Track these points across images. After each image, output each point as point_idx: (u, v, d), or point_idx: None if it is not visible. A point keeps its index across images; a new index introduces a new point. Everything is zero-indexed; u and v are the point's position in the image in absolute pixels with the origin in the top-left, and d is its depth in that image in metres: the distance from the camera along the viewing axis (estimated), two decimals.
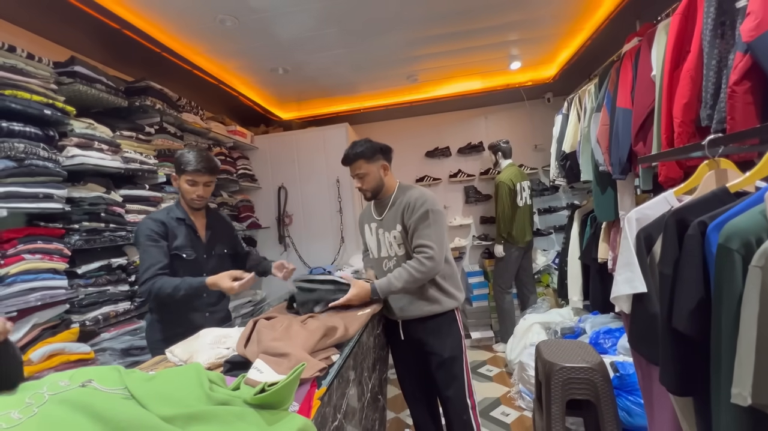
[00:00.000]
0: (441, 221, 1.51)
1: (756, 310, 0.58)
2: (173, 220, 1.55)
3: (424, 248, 1.44)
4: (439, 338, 1.53)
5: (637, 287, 0.91)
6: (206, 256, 1.60)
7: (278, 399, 0.59)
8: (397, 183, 1.64)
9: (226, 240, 1.70)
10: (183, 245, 1.53)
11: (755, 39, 1.09)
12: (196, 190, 1.52)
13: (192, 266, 1.54)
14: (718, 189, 0.80)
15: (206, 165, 1.51)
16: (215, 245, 1.64)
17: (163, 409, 0.58)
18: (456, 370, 1.54)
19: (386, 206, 1.60)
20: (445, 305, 1.52)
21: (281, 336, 0.91)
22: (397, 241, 1.55)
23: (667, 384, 0.78)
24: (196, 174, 1.49)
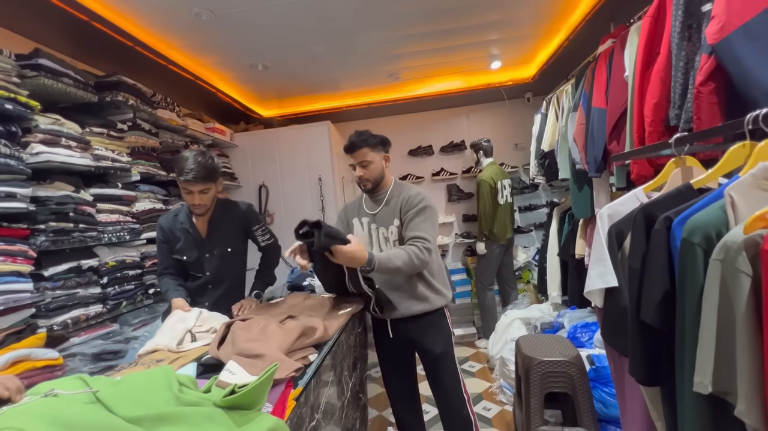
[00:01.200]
0: (436, 220, 1.51)
1: (716, 302, 0.60)
2: (178, 223, 1.64)
3: (422, 240, 1.40)
4: (430, 335, 1.53)
5: (609, 281, 0.93)
6: (208, 255, 1.67)
7: (249, 400, 0.58)
8: (393, 179, 1.62)
9: (231, 238, 1.70)
10: (182, 248, 1.64)
11: (719, 42, 1.13)
12: (191, 198, 1.52)
13: (195, 266, 1.68)
14: (682, 186, 0.82)
15: (198, 174, 1.46)
16: (216, 245, 1.67)
17: (130, 411, 0.56)
18: (450, 365, 1.55)
19: (381, 202, 1.57)
20: (434, 303, 1.51)
21: (257, 337, 0.89)
22: (393, 236, 1.52)
23: (635, 374, 0.81)
24: (188, 184, 1.47)
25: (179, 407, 0.58)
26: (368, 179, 1.54)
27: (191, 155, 1.49)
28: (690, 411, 0.64)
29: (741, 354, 0.56)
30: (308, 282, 2.01)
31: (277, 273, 2.95)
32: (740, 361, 0.56)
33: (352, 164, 1.57)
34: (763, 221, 0.56)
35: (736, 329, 0.57)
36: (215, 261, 1.67)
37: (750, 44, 1.09)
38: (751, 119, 0.73)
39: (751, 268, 0.56)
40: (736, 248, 0.57)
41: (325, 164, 3.17)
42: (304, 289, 1.96)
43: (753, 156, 0.72)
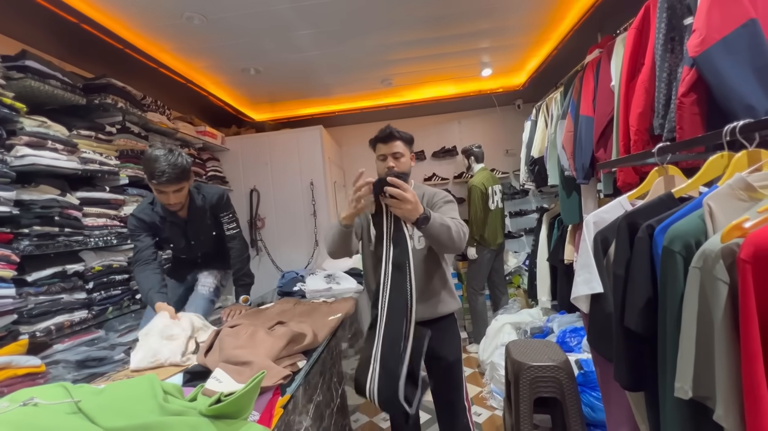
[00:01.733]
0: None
1: (695, 309, 0.62)
2: (157, 216, 1.64)
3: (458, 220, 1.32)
4: (445, 341, 1.43)
5: (595, 287, 0.95)
6: (194, 242, 1.76)
7: (235, 409, 0.57)
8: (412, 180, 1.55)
9: (211, 224, 1.76)
10: (169, 238, 1.72)
11: (700, 54, 1.17)
12: (166, 198, 1.51)
13: (184, 251, 1.79)
14: (664, 194, 0.85)
15: (171, 176, 1.43)
16: (200, 231, 1.74)
17: (112, 422, 0.55)
18: (458, 373, 1.48)
19: None
20: (451, 306, 1.45)
21: (245, 344, 0.89)
22: (417, 233, 1.41)
23: (620, 379, 0.82)
24: (162, 185, 1.45)
25: (163, 417, 0.57)
26: (399, 171, 1.44)
27: (161, 154, 1.43)
28: (672, 415, 0.65)
29: (719, 360, 0.58)
30: (298, 287, 2.00)
31: (268, 279, 2.94)
32: (718, 367, 0.58)
33: (381, 155, 1.48)
34: (740, 231, 0.57)
35: (715, 335, 0.59)
36: (203, 246, 1.78)
37: (729, 57, 1.13)
38: (729, 131, 0.75)
39: (728, 276, 0.58)
40: (714, 257, 0.59)
41: (317, 168, 3.17)
42: (294, 295, 1.95)
43: (730, 167, 0.74)
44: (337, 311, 1.40)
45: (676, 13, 1.37)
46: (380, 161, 1.50)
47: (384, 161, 1.48)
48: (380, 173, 1.47)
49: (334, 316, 1.33)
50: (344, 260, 2.48)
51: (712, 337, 0.59)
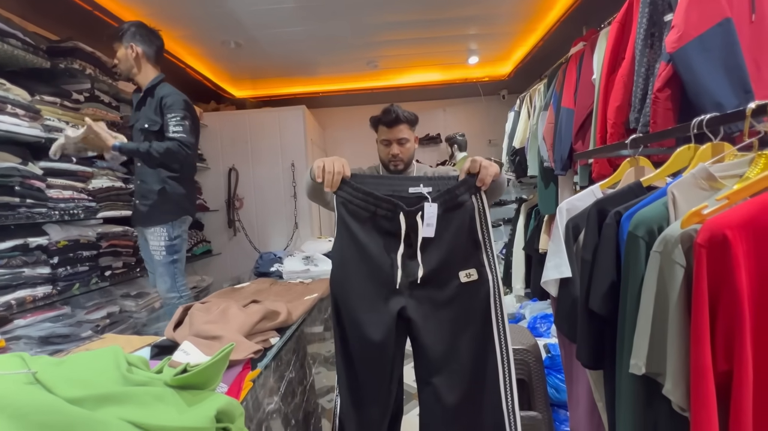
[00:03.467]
0: None
1: (654, 290, 0.65)
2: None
3: None
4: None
5: (564, 272, 0.98)
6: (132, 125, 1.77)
7: (201, 380, 0.57)
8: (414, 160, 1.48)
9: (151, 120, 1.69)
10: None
11: (677, 50, 1.20)
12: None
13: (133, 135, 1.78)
14: (633, 183, 0.88)
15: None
16: (141, 117, 1.72)
17: (71, 392, 0.54)
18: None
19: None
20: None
21: (216, 319, 0.88)
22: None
23: (581, 358, 0.86)
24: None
25: (126, 387, 0.56)
26: (403, 158, 1.37)
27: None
28: (626, 390, 0.69)
29: (671, 338, 0.61)
30: (276, 268, 1.99)
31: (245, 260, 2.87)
32: (670, 345, 0.61)
33: (385, 140, 1.37)
34: (698, 217, 0.60)
35: (669, 316, 0.62)
36: (137, 134, 1.72)
37: (703, 55, 1.16)
38: (696, 124, 0.78)
39: (685, 260, 0.61)
40: (674, 242, 0.62)
41: (299, 149, 3.11)
42: (271, 275, 1.93)
43: (696, 158, 0.78)
44: (313, 292, 1.39)
45: (658, 9, 1.39)
46: (383, 146, 1.39)
47: (388, 146, 1.38)
48: (382, 156, 1.41)
49: (310, 296, 1.33)
50: (323, 242, 2.47)
51: (666, 317, 0.62)
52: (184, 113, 1.66)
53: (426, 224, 1.00)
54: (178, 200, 1.76)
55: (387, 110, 1.36)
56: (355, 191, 1.01)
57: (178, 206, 1.76)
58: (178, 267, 1.78)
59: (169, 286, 1.75)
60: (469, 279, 1.01)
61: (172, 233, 1.75)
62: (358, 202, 1.02)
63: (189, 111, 1.71)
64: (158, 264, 1.77)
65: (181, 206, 1.78)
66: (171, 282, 1.75)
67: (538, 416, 1.74)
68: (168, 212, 1.74)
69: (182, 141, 1.63)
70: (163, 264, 1.75)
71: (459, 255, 1.02)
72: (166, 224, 1.74)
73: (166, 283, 1.76)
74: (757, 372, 0.54)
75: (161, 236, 1.74)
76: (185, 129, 1.64)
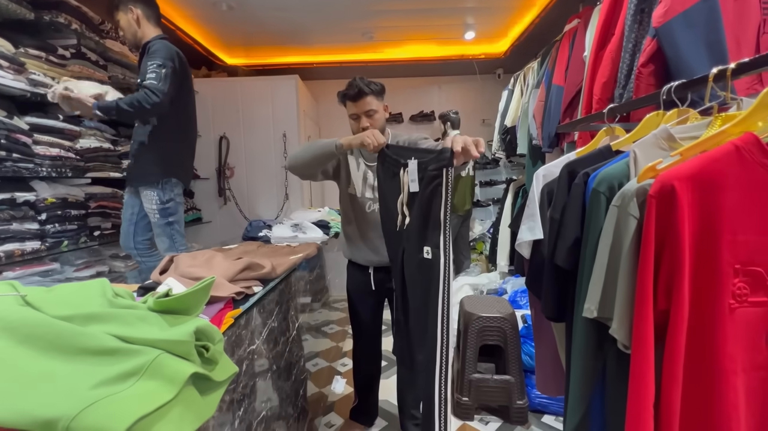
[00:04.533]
0: None
1: (610, 241, 0.69)
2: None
3: None
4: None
5: (536, 233, 1.03)
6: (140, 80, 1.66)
7: (183, 305, 0.61)
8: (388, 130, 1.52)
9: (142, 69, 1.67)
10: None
11: (662, 25, 1.21)
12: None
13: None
14: (603, 147, 0.92)
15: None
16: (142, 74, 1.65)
17: (59, 311, 0.57)
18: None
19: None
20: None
21: (201, 264, 0.91)
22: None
23: (546, 311, 0.92)
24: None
25: (112, 309, 0.60)
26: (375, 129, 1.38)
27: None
28: (579, 333, 0.75)
29: (621, 283, 0.66)
30: (264, 234, 2.02)
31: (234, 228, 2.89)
32: (619, 289, 0.66)
33: (354, 114, 1.41)
34: (653, 172, 0.64)
35: (620, 264, 0.67)
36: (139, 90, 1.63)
37: (687, 30, 1.18)
38: (666, 91, 0.81)
39: (639, 212, 0.66)
40: (630, 195, 0.66)
41: (291, 120, 3.09)
42: (258, 239, 1.96)
43: (663, 122, 0.81)
44: (298, 252, 1.44)
45: None
46: (353, 121, 1.43)
47: (357, 120, 1.41)
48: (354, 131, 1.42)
49: (296, 255, 1.37)
50: (313, 212, 2.50)
51: (618, 265, 0.67)
52: (163, 61, 1.58)
53: (411, 180, 1.11)
54: (158, 161, 1.73)
55: (350, 84, 1.39)
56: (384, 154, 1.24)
57: (159, 167, 1.73)
58: (176, 229, 1.81)
59: (167, 246, 1.78)
60: (428, 257, 1.07)
61: (163, 197, 1.77)
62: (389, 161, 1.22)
63: (172, 61, 1.63)
64: (155, 226, 1.81)
65: (164, 168, 1.74)
66: (169, 242, 1.78)
67: (511, 380, 1.84)
68: (150, 173, 1.73)
69: (150, 88, 1.53)
70: (159, 226, 1.79)
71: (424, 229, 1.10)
72: (153, 186, 1.74)
73: (164, 243, 1.79)
74: (692, 309, 0.59)
75: (152, 199, 1.76)
76: (158, 76, 1.55)
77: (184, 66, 1.74)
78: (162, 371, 0.50)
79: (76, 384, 0.46)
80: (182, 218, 1.87)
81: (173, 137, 1.80)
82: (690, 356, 0.60)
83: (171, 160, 1.78)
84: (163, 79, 1.57)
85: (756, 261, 0.58)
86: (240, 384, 0.82)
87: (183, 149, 1.89)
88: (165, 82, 1.57)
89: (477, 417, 1.86)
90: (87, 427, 0.40)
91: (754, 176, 0.58)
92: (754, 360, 0.60)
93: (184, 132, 1.89)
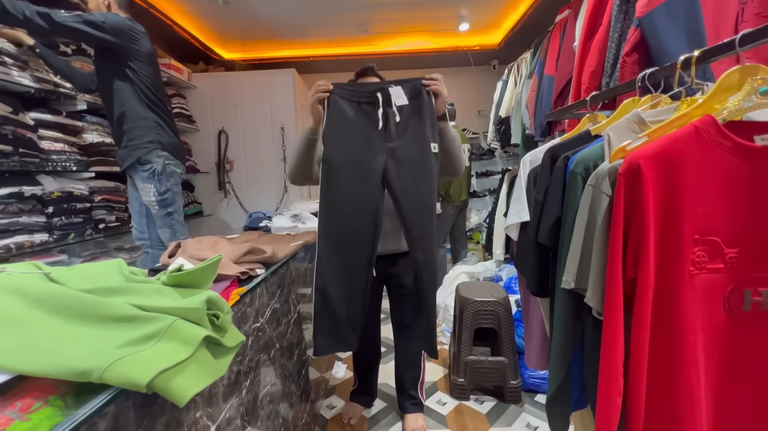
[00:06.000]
0: None
1: (585, 218, 0.75)
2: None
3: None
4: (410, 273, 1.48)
5: (523, 216, 1.09)
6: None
7: (193, 280, 0.66)
8: None
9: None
10: None
11: (645, 15, 1.26)
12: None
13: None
14: (583, 132, 0.97)
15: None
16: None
17: (82, 285, 0.63)
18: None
19: None
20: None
21: (207, 248, 0.97)
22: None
23: (531, 287, 0.98)
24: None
25: (129, 283, 0.66)
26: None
27: None
28: (559, 303, 0.81)
29: (594, 255, 0.72)
30: (264, 224, 2.07)
31: (235, 221, 2.94)
32: (593, 260, 0.72)
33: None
34: (623, 153, 0.70)
35: (594, 238, 0.73)
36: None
37: (668, 20, 1.23)
38: (641, 78, 0.86)
39: (611, 190, 0.71)
40: (602, 175, 0.72)
41: (289, 113, 3.13)
42: (259, 229, 2.02)
43: (636, 108, 0.87)
44: (298, 240, 1.49)
45: None
46: None
47: None
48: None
49: (296, 242, 1.43)
50: (312, 203, 2.56)
51: (593, 240, 0.73)
52: (91, 15, 1.59)
53: (397, 97, 1.20)
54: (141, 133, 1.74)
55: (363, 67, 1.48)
56: (341, 90, 1.21)
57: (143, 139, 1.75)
58: (176, 218, 1.85)
59: (169, 236, 1.84)
60: (435, 151, 1.21)
61: (160, 188, 1.81)
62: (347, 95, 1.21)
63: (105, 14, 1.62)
64: (156, 217, 1.85)
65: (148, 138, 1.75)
66: (171, 232, 1.84)
67: (505, 361, 1.91)
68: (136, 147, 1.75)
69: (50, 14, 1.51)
70: (159, 217, 1.84)
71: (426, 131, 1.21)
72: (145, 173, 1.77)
73: (166, 234, 1.85)
74: (657, 277, 0.65)
75: (150, 191, 1.80)
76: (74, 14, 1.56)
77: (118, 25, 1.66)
78: (179, 334, 0.56)
79: (104, 344, 0.52)
80: (181, 207, 1.92)
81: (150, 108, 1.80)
82: (655, 319, 0.66)
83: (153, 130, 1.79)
84: (71, 15, 1.56)
85: (713, 231, 0.64)
86: (246, 357, 0.88)
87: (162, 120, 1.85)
88: (69, 18, 1.55)
89: (473, 397, 1.93)
90: (118, 376, 0.46)
91: (712, 154, 0.63)
92: (713, 321, 0.66)
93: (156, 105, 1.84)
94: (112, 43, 1.64)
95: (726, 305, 0.65)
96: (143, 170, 1.77)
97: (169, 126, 1.89)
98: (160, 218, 1.82)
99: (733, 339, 0.66)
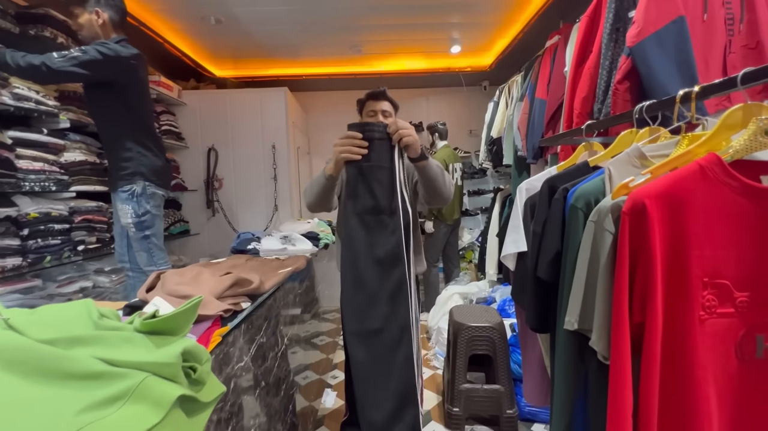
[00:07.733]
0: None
1: (588, 255, 0.72)
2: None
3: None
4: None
5: (520, 246, 1.06)
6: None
7: (170, 326, 0.61)
8: None
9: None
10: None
11: (635, 45, 1.28)
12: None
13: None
14: (581, 163, 0.95)
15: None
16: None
17: (43, 334, 0.57)
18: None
19: None
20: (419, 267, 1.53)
21: (188, 281, 0.91)
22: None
23: (530, 323, 0.94)
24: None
25: (97, 331, 0.60)
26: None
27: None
28: (561, 344, 0.77)
29: (599, 296, 0.69)
30: (252, 246, 2.01)
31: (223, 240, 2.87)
32: (597, 302, 0.69)
33: (372, 110, 1.52)
34: (626, 189, 0.67)
35: (598, 277, 0.69)
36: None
37: (658, 50, 1.24)
38: (638, 110, 0.85)
39: (614, 227, 0.69)
40: (605, 211, 0.69)
41: (280, 132, 3.10)
42: (247, 252, 1.95)
43: (635, 140, 0.85)
44: (287, 266, 1.44)
45: (623, 5, 1.47)
46: (369, 118, 1.54)
47: (374, 116, 1.52)
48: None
49: (285, 269, 1.37)
50: (302, 223, 2.50)
51: (596, 279, 0.70)
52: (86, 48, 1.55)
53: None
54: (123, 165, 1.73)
55: (375, 89, 1.53)
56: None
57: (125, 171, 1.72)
58: (153, 242, 1.78)
59: (146, 260, 1.76)
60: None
61: (138, 210, 1.74)
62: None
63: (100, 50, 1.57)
64: (132, 240, 1.78)
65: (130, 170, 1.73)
66: (147, 256, 1.76)
67: (501, 389, 1.85)
68: (119, 178, 1.73)
69: (45, 62, 1.49)
70: (136, 240, 1.76)
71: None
72: (124, 193, 1.73)
73: (143, 257, 1.77)
74: (665, 322, 0.62)
75: (127, 213, 1.75)
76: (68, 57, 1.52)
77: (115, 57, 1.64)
78: (148, 394, 0.50)
79: (62, 409, 0.46)
80: (161, 231, 1.85)
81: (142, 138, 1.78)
82: (665, 367, 0.63)
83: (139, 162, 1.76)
84: (66, 59, 1.53)
85: (722, 274, 0.61)
86: (228, 402, 0.81)
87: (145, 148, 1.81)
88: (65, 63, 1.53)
89: (468, 427, 1.86)
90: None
91: (718, 194, 0.61)
92: (725, 369, 0.63)
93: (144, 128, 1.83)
94: (109, 80, 1.66)
95: (738, 352, 0.62)
96: (122, 190, 1.72)
97: (156, 147, 1.85)
98: (137, 242, 1.75)
99: (746, 388, 0.62)
